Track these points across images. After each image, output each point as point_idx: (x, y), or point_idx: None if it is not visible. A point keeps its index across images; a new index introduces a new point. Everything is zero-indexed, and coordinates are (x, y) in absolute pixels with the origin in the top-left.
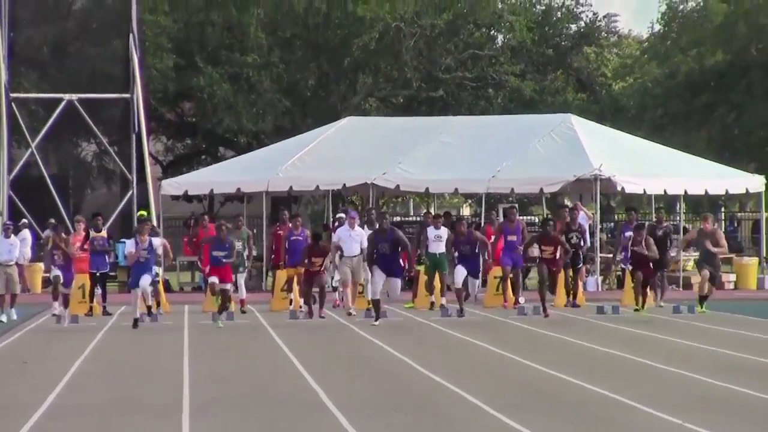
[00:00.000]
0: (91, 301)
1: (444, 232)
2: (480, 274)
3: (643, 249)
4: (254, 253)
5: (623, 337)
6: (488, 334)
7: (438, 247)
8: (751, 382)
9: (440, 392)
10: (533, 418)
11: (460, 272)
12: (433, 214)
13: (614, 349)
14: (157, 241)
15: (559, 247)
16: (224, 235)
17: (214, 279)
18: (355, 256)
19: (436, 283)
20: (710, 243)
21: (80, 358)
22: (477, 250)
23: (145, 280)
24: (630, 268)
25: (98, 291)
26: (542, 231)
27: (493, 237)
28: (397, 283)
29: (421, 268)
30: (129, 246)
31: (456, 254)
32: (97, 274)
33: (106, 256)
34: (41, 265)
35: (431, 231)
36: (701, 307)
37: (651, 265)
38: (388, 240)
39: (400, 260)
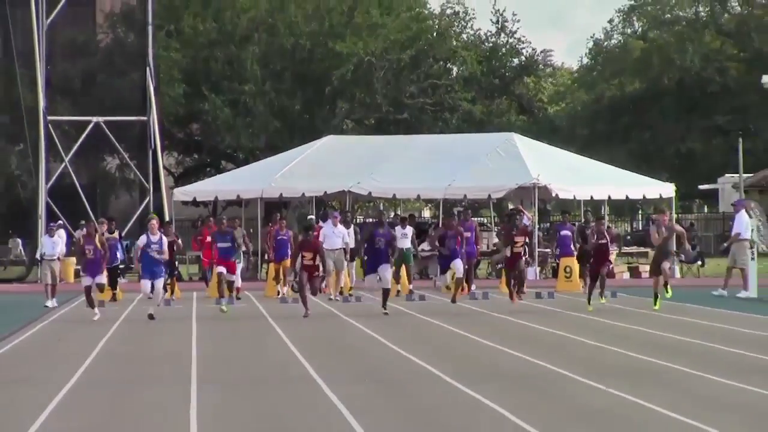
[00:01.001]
0: (113, 289)
1: (409, 230)
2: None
3: (607, 239)
4: (251, 248)
5: (559, 318)
6: (447, 316)
7: (404, 243)
8: (663, 355)
9: (408, 366)
10: (487, 387)
11: (459, 265)
12: (401, 216)
13: (552, 328)
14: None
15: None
16: (224, 227)
17: (221, 269)
18: (336, 249)
19: (402, 272)
20: (670, 237)
21: (104, 338)
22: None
23: (160, 282)
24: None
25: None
26: (511, 224)
27: None
28: (388, 268)
29: None
30: (140, 241)
31: (440, 248)
32: (111, 267)
33: (118, 252)
34: (74, 260)
35: (398, 230)
36: (655, 305)
37: (608, 256)
38: (385, 236)
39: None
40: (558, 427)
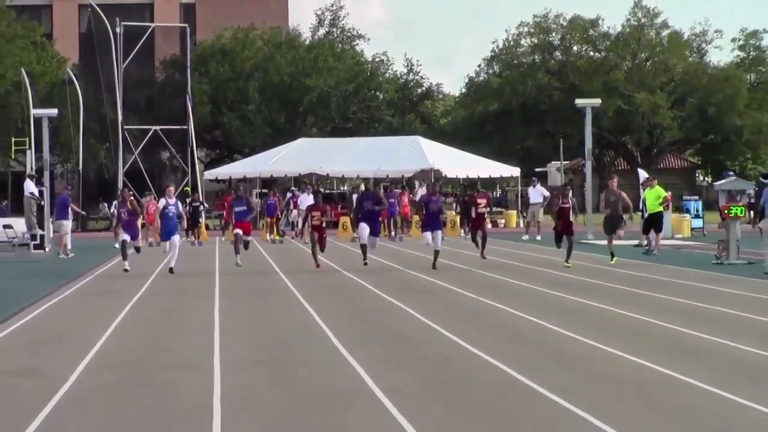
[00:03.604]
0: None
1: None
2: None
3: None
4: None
5: (449, 254)
6: (383, 253)
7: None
8: (534, 281)
9: (357, 286)
10: (403, 296)
11: (438, 237)
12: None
13: (453, 262)
14: (179, 202)
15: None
16: (242, 193)
17: (238, 231)
18: None
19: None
20: (619, 201)
21: (157, 270)
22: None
23: (176, 237)
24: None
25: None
26: (473, 191)
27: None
28: (376, 239)
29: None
30: (161, 203)
31: (425, 212)
32: None
33: None
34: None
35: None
36: (612, 260)
37: (571, 219)
38: (371, 198)
39: (379, 218)
40: (443, 317)
